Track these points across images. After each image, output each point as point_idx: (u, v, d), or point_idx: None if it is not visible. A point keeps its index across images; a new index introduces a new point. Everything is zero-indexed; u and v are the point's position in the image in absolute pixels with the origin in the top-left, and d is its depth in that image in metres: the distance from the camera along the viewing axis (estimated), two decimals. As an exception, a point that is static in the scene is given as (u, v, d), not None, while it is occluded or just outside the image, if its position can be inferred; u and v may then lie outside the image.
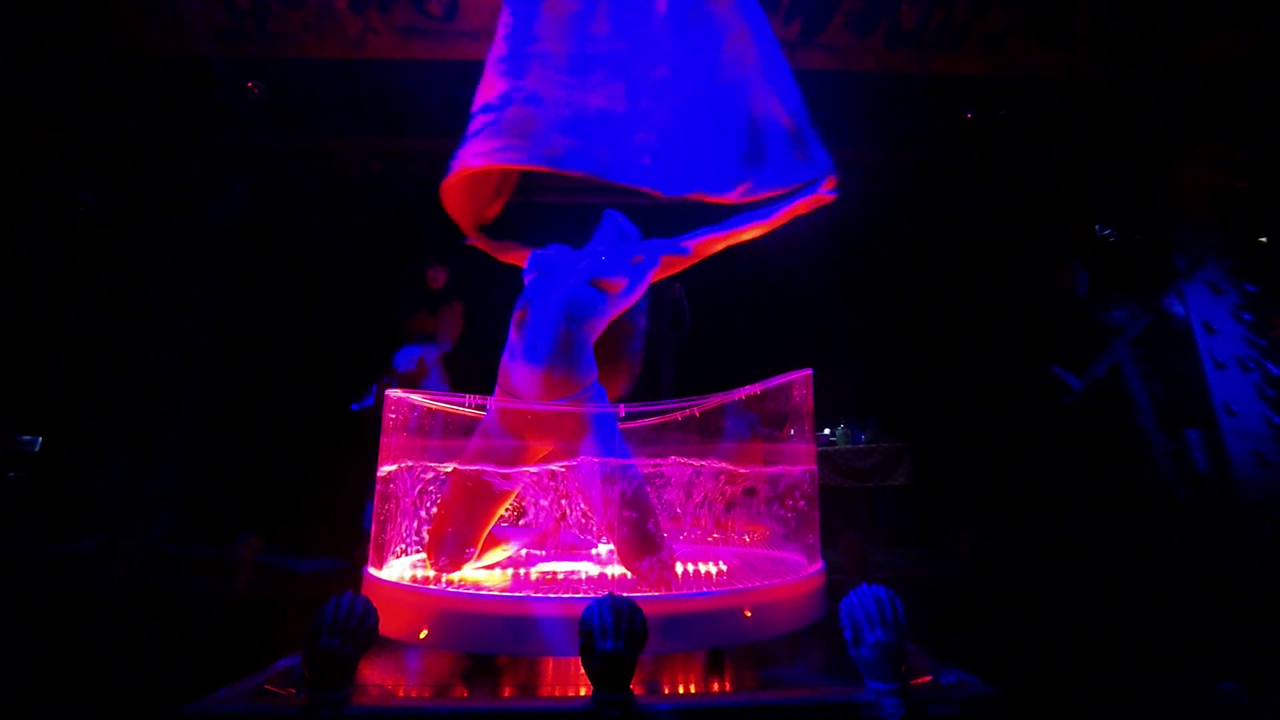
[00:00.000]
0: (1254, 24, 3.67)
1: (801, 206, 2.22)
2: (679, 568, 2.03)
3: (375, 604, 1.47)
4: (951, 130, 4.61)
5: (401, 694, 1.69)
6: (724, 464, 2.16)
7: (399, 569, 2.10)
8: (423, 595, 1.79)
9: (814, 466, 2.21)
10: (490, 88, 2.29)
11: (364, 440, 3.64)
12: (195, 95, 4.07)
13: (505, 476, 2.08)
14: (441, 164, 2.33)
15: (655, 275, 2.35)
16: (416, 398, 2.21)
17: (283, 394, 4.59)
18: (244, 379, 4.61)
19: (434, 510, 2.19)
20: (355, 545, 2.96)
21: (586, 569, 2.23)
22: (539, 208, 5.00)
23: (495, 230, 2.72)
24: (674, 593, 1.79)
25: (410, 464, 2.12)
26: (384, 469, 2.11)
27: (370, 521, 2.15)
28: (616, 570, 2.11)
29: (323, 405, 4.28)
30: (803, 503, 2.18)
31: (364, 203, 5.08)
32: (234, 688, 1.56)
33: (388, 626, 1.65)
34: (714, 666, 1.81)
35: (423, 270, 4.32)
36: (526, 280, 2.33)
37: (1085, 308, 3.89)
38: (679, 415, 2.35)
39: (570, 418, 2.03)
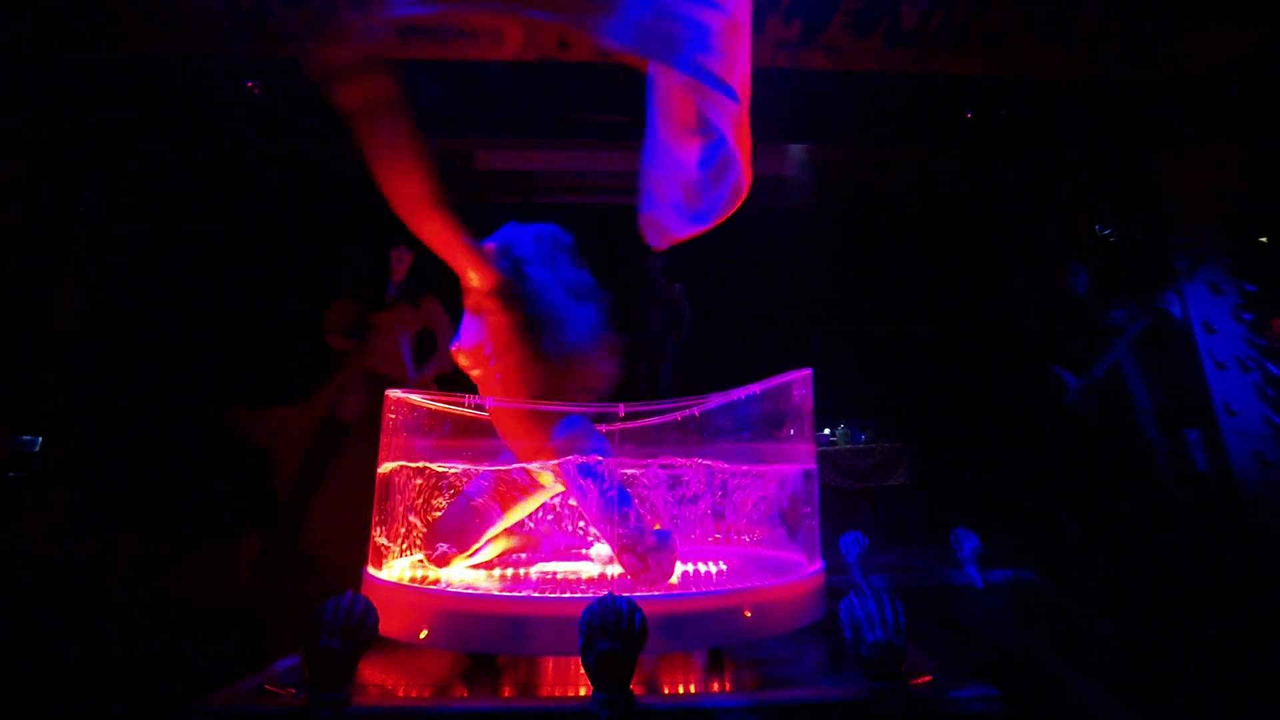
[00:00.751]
0: (1254, 23, 3.67)
1: None
2: (679, 567, 2.03)
3: (375, 604, 1.47)
4: (951, 130, 4.62)
5: (401, 694, 1.69)
6: (724, 464, 2.17)
7: (399, 569, 2.10)
8: (423, 595, 1.79)
9: (814, 466, 2.21)
10: None
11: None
12: (195, 95, 4.07)
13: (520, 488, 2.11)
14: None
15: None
16: (416, 398, 2.22)
17: (284, 393, 4.59)
18: (244, 378, 4.61)
19: (437, 509, 2.20)
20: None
21: (586, 569, 2.23)
22: (538, 208, 5.02)
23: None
24: (673, 592, 1.79)
25: (409, 464, 2.12)
26: (384, 468, 2.12)
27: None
28: (616, 570, 2.11)
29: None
30: (803, 502, 2.18)
31: (363, 202, 5.08)
32: (234, 688, 1.56)
33: (388, 626, 1.65)
34: (714, 666, 1.81)
35: (386, 253, 4.06)
36: None
37: (1085, 308, 3.89)
38: (679, 415, 2.35)
39: (531, 421, 2.07)
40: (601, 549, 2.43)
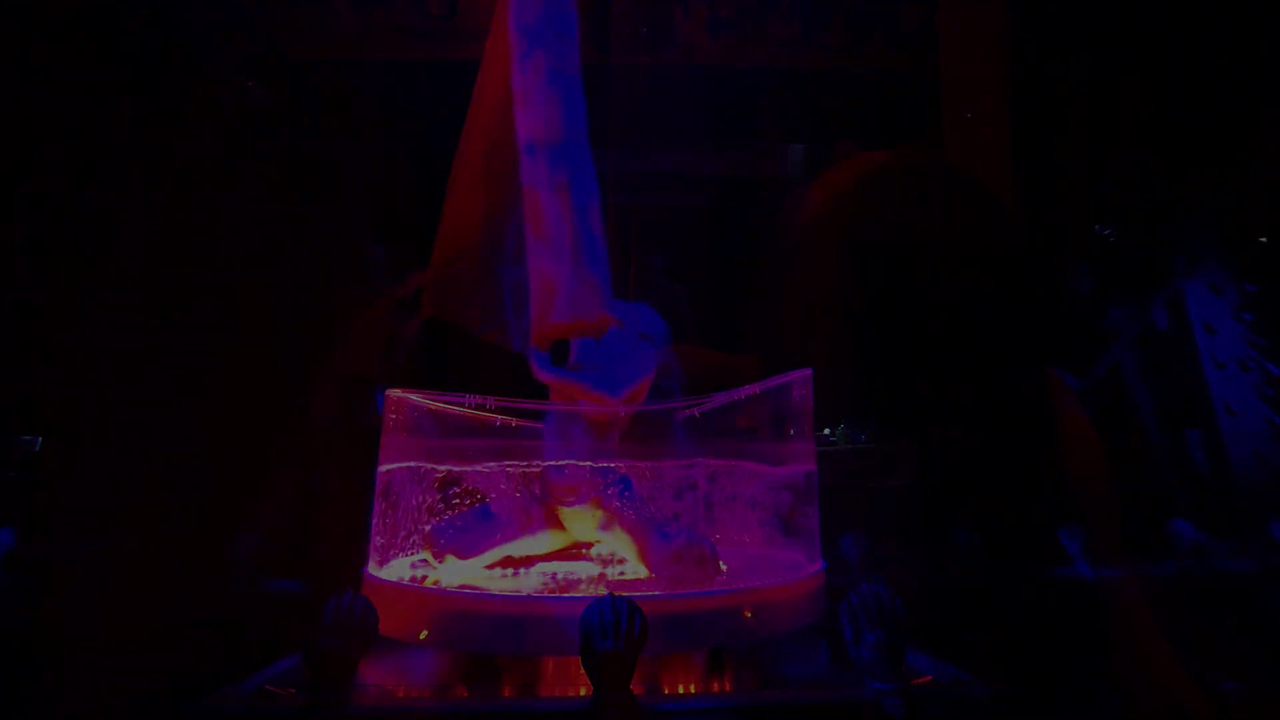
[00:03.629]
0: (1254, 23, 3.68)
1: None
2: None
3: (375, 604, 1.47)
4: (951, 130, 4.61)
5: (401, 694, 1.69)
6: (724, 464, 2.17)
7: (399, 569, 2.10)
8: (423, 595, 1.79)
9: (814, 466, 2.21)
10: None
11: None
12: (194, 95, 4.08)
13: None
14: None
15: None
16: (415, 398, 2.21)
17: (282, 393, 4.59)
18: (244, 378, 4.60)
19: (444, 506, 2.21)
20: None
21: (586, 569, 2.23)
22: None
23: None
24: (673, 592, 1.79)
25: (412, 464, 2.12)
26: (384, 468, 2.11)
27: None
28: (616, 570, 2.11)
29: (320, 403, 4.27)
30: (803, 502, 2.18)
31: (364, 202, 5.08)
32: (234, 688, 1.56)
33: (388, 626, 1.65)
34: (714, 666, 1.81)
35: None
36: None
37: (1086, 308, 3.89)
38: (679, 415, 2.35)
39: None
40: (602, 549, 2.43)
